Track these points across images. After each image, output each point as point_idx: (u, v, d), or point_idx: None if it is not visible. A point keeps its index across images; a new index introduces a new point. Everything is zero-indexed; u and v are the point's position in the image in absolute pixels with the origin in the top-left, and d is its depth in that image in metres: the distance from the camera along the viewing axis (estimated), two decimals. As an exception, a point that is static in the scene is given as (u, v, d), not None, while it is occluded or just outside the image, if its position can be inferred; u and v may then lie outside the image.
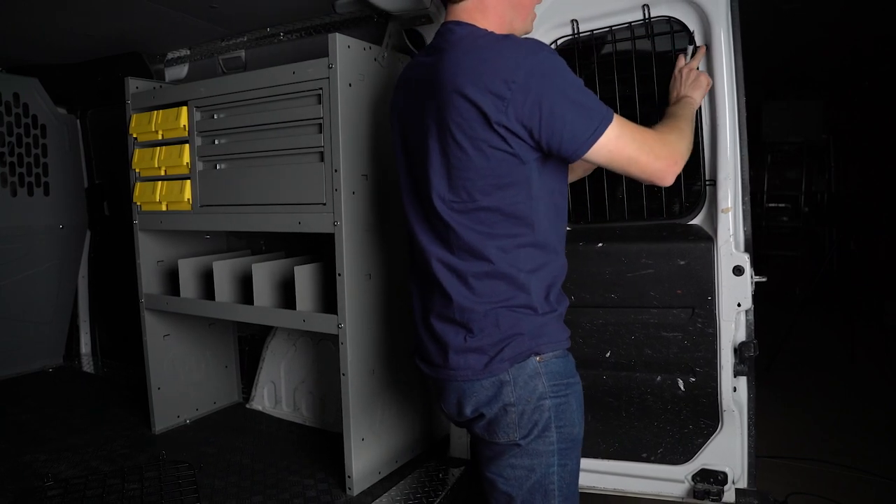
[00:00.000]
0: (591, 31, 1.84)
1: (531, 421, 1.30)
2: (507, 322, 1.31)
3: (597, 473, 1.95)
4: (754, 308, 1.75)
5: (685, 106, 1.54)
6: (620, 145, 1.25)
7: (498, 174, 1.25)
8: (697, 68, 1.69)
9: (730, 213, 1.73)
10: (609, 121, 1.24)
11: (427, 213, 1.38)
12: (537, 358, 1.31)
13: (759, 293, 1.75)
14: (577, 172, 1.76)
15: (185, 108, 2.28)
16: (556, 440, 1.31)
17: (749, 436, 1.82)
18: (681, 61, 1.70)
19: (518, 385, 1.30)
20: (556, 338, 1.34)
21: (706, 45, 1.73)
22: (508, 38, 1.25)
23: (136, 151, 2.46)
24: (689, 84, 1.63)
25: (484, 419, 1.35)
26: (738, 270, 1.71)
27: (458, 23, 1.34)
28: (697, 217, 1.81)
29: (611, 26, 1.82)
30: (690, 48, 1.73)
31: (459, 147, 1.25)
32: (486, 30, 1.32)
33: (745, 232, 1.74)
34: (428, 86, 1.31)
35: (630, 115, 1.81)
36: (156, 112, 2.36)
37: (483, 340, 1.31)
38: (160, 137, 2.37)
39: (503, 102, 1.19)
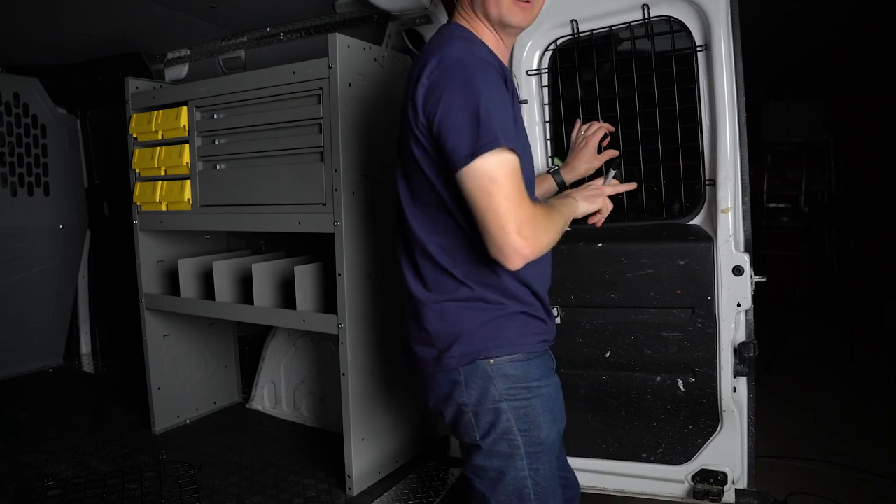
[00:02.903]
0: (591, 31, 1.84)
1: (487, 423, 1.31)
2: (452, 316, 1.32)
3: (597, 473, 1.95)
4: (754, 308, 1.75)
5: (567, 205, 1.43)
6: (492, 189, 1.13)
7: (434, 172, 1.27)
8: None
9: (730, 214, 1.73)
10: (490, 148, 1.13)
11: (398, 209, 1.42)
12: (489, 361, 1.30)
13: (759, 293, 1.75)
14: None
15: (185, 108, 2.28)
16: (523, 444, 1.31)
17: (749, 436, 1.82)
18: (599, 180, 1.63)
19: (470, 387, 1.31)
20: (513, 341, 1.32)
21: (706, 44, 1.73)
22: (452, 42, 1.26)
23: (136, 151, 2.46)
24: (587, 196, 1.52)
25: (445, 418, 1.38)
26: (737, 270, 1.71)
27: (448, 23, 1.39)
28: (697, 217, 1.81)
29: (610, 26, 1.82)
30: (612, 173, 1.64)
31: (403, 144, 1.31)
32: (461, 29, 1.34)
33: (744, 232, 1.74)
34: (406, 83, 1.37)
35: (630, 115, 1.83)
36: (156, 112, 2.37)
37: (431, 332, 1.34)
38: (160, 137, 2.37)
39: (415, 105, 1.23)
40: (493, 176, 1.14)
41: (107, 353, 3.72)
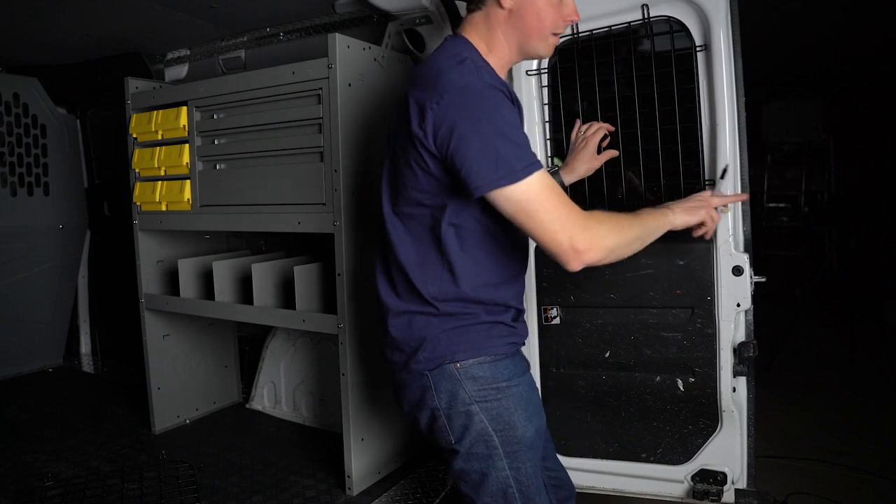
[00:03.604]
0: (591, 31, 1.84)
1: (460, 426, 1.32)
2: (418, 324, 1.33)
3: (596, 473, 1.95)
4: (754, 308, 1.75)
5: (655, 216, 1.38)
6: (532, 207, 1.18)
7: (417, 188, 1.27)
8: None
9: (729, 213, 1.73)
10: (518, 178, 1.17)
11: (378, 214, 1.42)
12: (455, 365, 1.31)
13: (758, 293, 1.75)
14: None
15: (184, 108, 2.28)
16: (500, 444, 1.31)
17: (748, 436, 1.82)
18: (707, 192, 1.55)
19: (439, 390, 1.32)
20: (478, 345, 1.33)
21: (705, 45, 1.73)
22: (463, 63, 1.24)
23: (136, 151, 2.46)
24: (688, 207, 1.45)
25: (420, 424, 1.38)
26: (737, 271, 1.71)
27: (455, 36, 1.35)
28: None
29: (610, 26, 1.82)
30: (723, 182, 1.61)
31: (394, 153, 1.31)
32: (469, 48, 1.31)
33: (744, 232, 1.74)
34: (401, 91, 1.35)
35: (630, 115, 1.83)
36: (156, 112, 2.37)
37: (398, 338, 1.36)
38: (160, 137, 2.37)
39: (423, 120, 1.20)
40: (528, 198, 1.18)
41: (107, 353, 3.72)
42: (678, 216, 1.41)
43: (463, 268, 1.32)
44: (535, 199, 1.18)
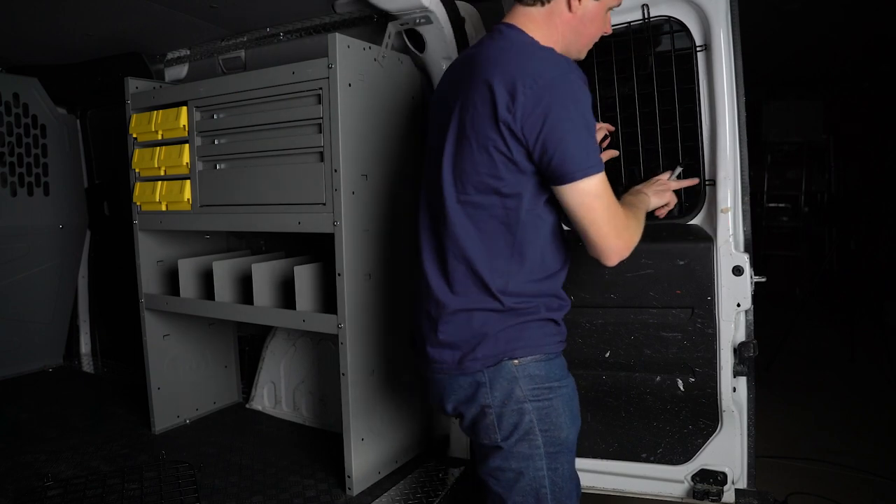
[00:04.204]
0: (591, 31, 1.84)
1: (510, 424, 1.31)
2: (478, 321, 1.32)
3: (596, 473, 1.95)
4: (754, 308, 1.75)
5: (642, 202, 1.52)
6: (595, 201, 1.24)
7: (493, 175, 1.25)
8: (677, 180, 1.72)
9: (729, 214, 1.73)
10: (599, 171, 1.23)
11: (431, 204, 1.39)
12: (514, 362, 1.31)
13: (758, 293, 1.75)
14: None
15: (184, 108, 2.28)
16: (542, 443, 1.31)
17: (749, 436, 1.82)
18: (665, 175, 1.72)
19: (494, 388, 1.31)
20: (537, 342, 1.33)
21: (706, 44, 1.73)
22: (547, 50, 1.26)
23: (136, 151, 2.46)
24: (656, 190, 1.62)
25: (465, 419, 1.37)
26: (737, 271, 1.71)
27: (511, 26, 1.34)
28: (697, 217, 1.81)
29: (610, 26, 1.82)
30: (679, 170, 1.74)
31: (467, 140, 1.27)
32: (533, 39, 1.32)
33: (744, 232, 1.74)
34: (461, 78, 1.33)
35: (630, 115, 1.83)
36: (156, 112, 2.37)
37: (454, 336, 1.33)
38: (160, 137, 2.37)
39: (514, 103, 1.19)
40: (597, 193, 1.24)
41: (107, 353, 3.72)
42: (652, 199, 1.58)
43: (532, 258, 1.32)
44: (602, 194, 1.24)
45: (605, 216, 1.24)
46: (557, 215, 1.35)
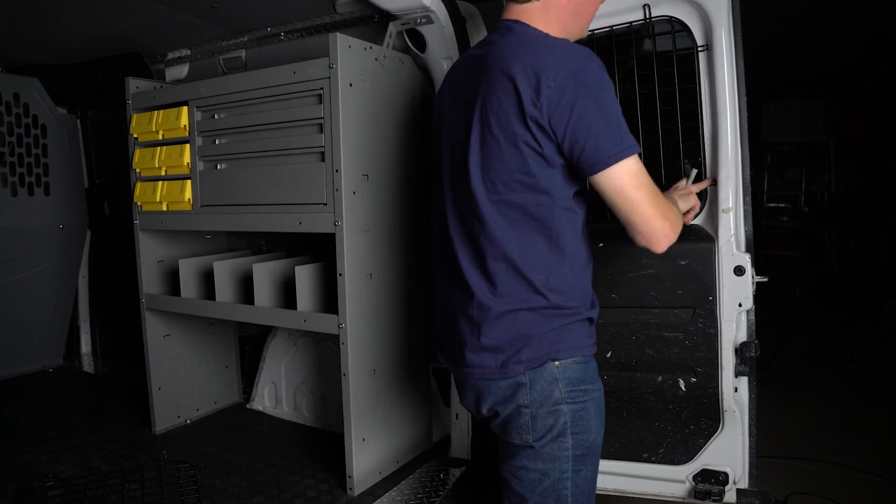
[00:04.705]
0: (592, 31, 1.84)
1: (545, 425, 1.30)
2: (524, 323, 1.29)
3: (598, 473, 1.94)
4: (755, 308, 1.75)
5: (673, 201, 1.51)
6: (634, 184, 1.21)
7: (525, 171, 1.24)
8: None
9: (731, 214, 1.73)
10: (634, 153, 1.21)
11: (460, 205, 1.36)
12: (556, 363, 1.30)
13: (759, 293, 1.75)
14: None
15: (185, 108, 2.28)
16: (572, 446, 1.31)
17: (750, 436, 1.82)
18: (682, 181, 1.73)
19: (534, 389, 1.29)
20: (578, 344, 1.33)
21: (707, 45, 1.73)
22: (563, 41, 1.26)
23: (137, 151, 2.46)
24: (681, 195, 1.63)
25: (499, 417, 1.35)
26: (739, 270, 1.71)
27: (517, 21, 1.34)
28: (698, 217, 1.81)
29: (611, 26, 1.82)
30: (694, 172, 1.75)
31: (494, 137, 1.25)
32: (543, 31, 1.32)
33: (746, 232, 1.74)
34: (475, 75, 1.31)
35: (631, 115, 1.83)
36: (156, 112, 2.36)
37: (499, 339, 1.31)
38: (161, 137, 2.37)
39: (538, 97, 1.18)
40: (635, 172, 1.21)
41: (107, 353, 3.72)
42: (680, 202, 1.59)
43: (569, 252, 1.31)
44: (640, 173, 1.22)
45: (647, 198, 1.22)
46: (586, 209, 1.35)
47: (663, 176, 1.83)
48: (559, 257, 1.30)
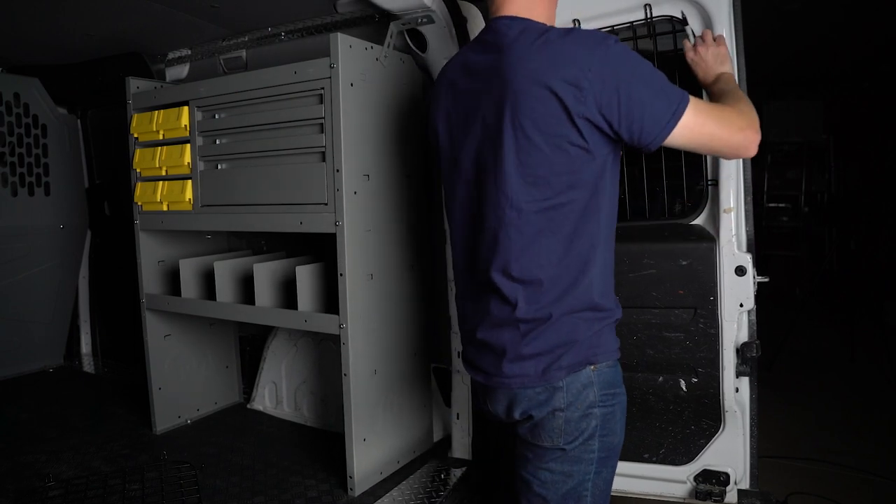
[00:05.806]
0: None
1: (578, 429, 1.29)
2: (567, 328, 1.28)
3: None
4: (756, 308, 1.74)
5: (728, 81, 1.53)
6: (700, 122, 1.23)
7: (571, 171, 1.23)
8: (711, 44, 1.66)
9: (732, 214, 1.72)
10: (687, 101, 1.22)
11: (488, 215, 1.32)
12: (592, 367, 1.30)
13: (759, 293, 1.75)
14: None
15: (186, 108, 2.27)
16: (598, 448, 1.30)
17: (751, 436, 1.81)
18: (689, 48, 1.65)
19: (570, 392, 1.28)
20: (611, 347, 1.33)
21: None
22: (575, 31, 1.24)
23: (137, 151, 2.45)
24: (715, 61, 1.60)
25: (531, 421, 1.33)
26: (740, 271, 1.71)
27: (513, 18, 1.31)
28: (699, 217, 1.81)
29: (612, 26, 1.82)
30: (692, 34, 1.73)
31: (532, 144, 1.22)
32: (543, 24, 1.30)
33: (747, 232, 1.74)
34: (489, 83, 1.28)
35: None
36: (157, 112, 2.36)
37: (541, 347, 1.29)
38: (161, 137, 2.37)
39: (581, 93, 1.17)
40: (694, 115, 1.23)
41: (107, 353, 3.72)
42: (727, 67, 1.60)
43: (604, 253, 1.31)
44: (699, 112, 1.23)
45: (716, 125, 1.25)
46: (615, 209, 1.36)
47: (664, 176, 1.83)
48: (596, 258, 1.29)
